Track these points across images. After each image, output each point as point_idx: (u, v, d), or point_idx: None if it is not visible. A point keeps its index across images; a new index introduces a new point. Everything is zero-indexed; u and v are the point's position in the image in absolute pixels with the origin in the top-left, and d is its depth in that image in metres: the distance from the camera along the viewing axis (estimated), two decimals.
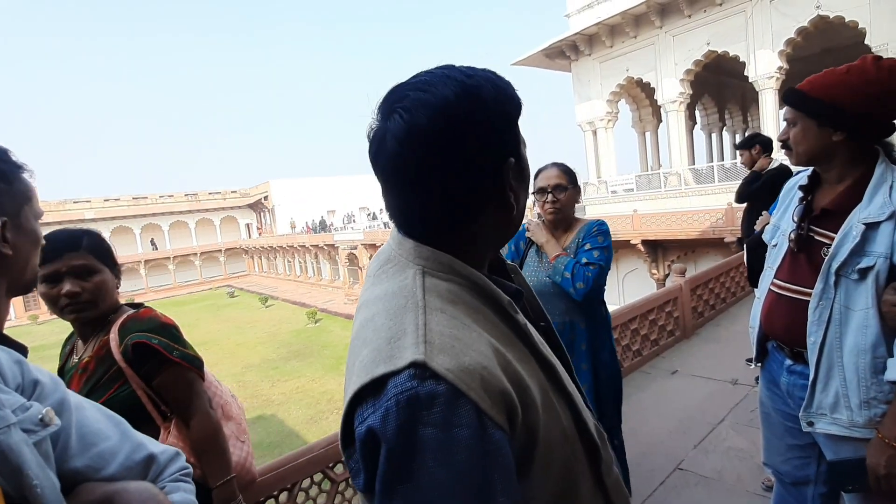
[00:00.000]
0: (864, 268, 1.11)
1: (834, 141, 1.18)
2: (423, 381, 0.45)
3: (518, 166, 0.58)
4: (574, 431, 0.57)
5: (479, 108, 0.53)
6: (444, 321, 0.50)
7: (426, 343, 0.47)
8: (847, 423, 1.16)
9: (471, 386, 0.45)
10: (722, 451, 2.63)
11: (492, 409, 0.46)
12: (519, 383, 0.51)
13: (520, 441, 0.50)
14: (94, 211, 39.96)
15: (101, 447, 0.64)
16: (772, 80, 12.83)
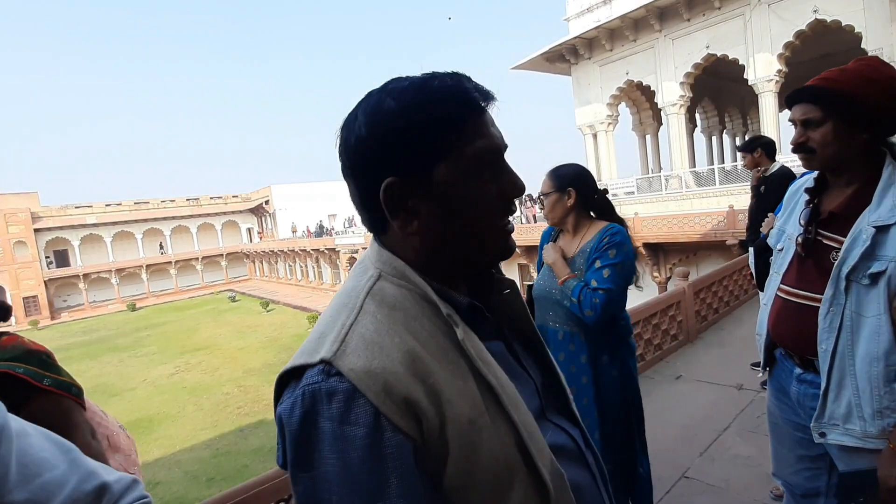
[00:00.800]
0: (876, 272, 1.07)
1: (862, 141, 1.14)
2: (327, 378, 0.48)
3: (452, 175, 0.56)
4: (519, 462, 0.55)
5: (426, 92, 0.56)
6: (371, 325, 0.52)
7: (342, 343, 0.50)
8: (860, 434, 1.12)
9: (371, 388, 0.47)
10: (728, 458, 2.59)
11: (394, 413, 0.48)
12: (437, 395, 0.51)
13: (435, 452, 0.50)
14: (96, 216, 39.97)
15: (46, 477, 0.59)
16: (771, 83, 12.84)
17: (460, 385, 0.54)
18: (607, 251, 1.64)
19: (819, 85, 1.16)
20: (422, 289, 0.57)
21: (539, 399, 0.64)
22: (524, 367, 0.65)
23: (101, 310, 38.71)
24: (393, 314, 0.54)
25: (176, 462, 11.49)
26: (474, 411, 0.53)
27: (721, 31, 13.50)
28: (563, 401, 0.69)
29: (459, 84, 0.57)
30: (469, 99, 0.57)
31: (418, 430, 0.49)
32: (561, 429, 0.65)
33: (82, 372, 20.80)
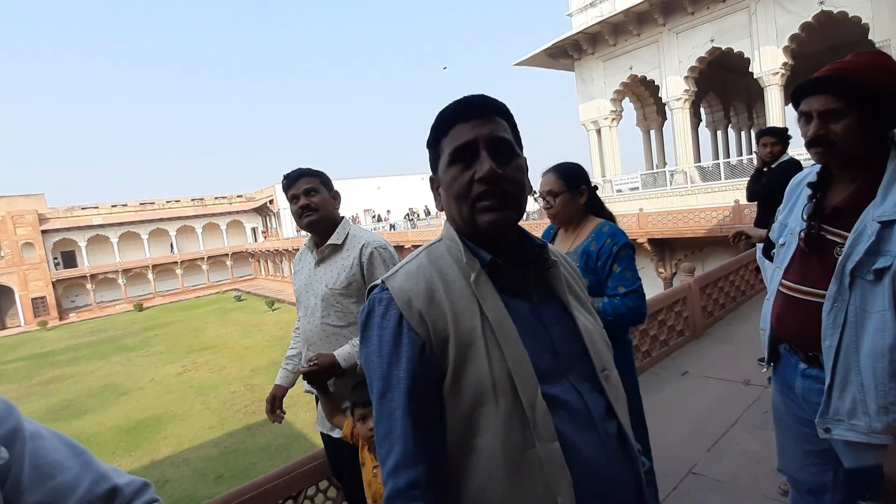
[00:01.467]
0: (881, 268, 1.06)
1: (879, 134, 1.12)
2: (381, 291, 0.78)
3: (442, 168, 0.82)
4: (507, 386, 0.72)
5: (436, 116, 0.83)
6: (415, 265, 0.80)
7: (395, 272, 0.80)
8: (865, 430, 1.12)
9: (400, 300, 0.75)
10: (736, 454, 2.58)
11: (411, 319, 0.74)
12: (445, 317, 0.74)
13: (439, 359, 0.73)
14: (102, 217, 40.25)
15: (59, 480, 0.59)
16: (777, 76, 12.73)
17: (467, 316, 0.75)
18: (619, 253, 1.68)
19: (840, 74, 1.12)
20: (458, 245, 0.81)
21: (554, 357, 0.78)
22: (544, 327, 0.80)
23: (108, 310, 39.06)
24: (431, 260, 0.81)
25: (185, 460, 11.59)
26: (471, 336, 0.74)
27: (726, 24, 13.38)
28: (590, 370, 0.81)
29: (449, 107, 0.82)
30: (451, 113, 0.81)
31: (427, 336, 0.74)
32: (576, 391, 0.77)
33: (91, 372, 21.00)
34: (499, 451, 0.71)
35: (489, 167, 0.76)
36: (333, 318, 1.69)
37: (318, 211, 1.73)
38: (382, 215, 34.78)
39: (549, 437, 0.71)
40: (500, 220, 0.77)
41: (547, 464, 0.70)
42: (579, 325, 0.82)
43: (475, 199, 0.77)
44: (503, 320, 0.75)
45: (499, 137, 0.79)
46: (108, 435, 13.62)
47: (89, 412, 15.90)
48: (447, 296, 0.76)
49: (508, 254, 0.81)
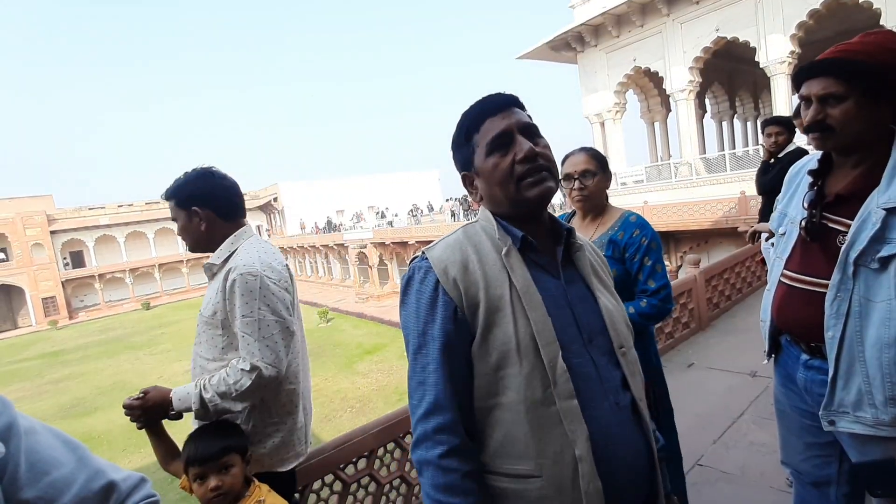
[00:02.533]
0: (886, 256, 1.04)
1: (882, 117, 1.08)
2: (422, 260, 0.88)
3: (481, 152, 0.90)
4: (530, 348, 0.81)
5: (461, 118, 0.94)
6: (453, 238, 0.90)
7: (435, 245, 0.90)
8: (872, 422, 1.09)
9: (437, 268, 0.85)
10: (744, 445, 2.57)
11: (446, 284, 0.83)
12: (477, 284, 0.83)
13: (469, 322, 0.83)
14: (109, 217, 40.55)
15: (55, 476, 0.59)
16: (784, 65, 12.55)
17: (496, 285, 0.84)
18: (650, 245, 1.66)
19: (841, 57, 1.08)
20: (493, 225, 0.90)
21: (576, 330, 0.87)
22: (569, 302, 0.88)
23: (116, 309, 39.43)
24: (468, 236, 0.91)
25: None
26: (500, 303, 0.83)
27: (731, 13, 13.20)
28: (608, 346, 0.89)
29: (474, 105, 0.91)
30: (480, 110, 0.91)
31: (459, 301, 0.83)
32: (593, 363, 0.86)
33: (101, 370, 21.24)
34: (521, 406, 0.80)
35: (529, 146, 0.86)
36: (202, 347, 1.48)
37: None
38: (384, 212, 34.69)
39: (568, 395, 0.80)
40: (545, 191, 0.87)
41: (566, 418, 0.79)
42: (601, 304, 0.91)
43: (520, 177, 0.86)
44: (529, 289, 0.84)
45: (527, 122, 0.90)
46: (118, 432, 13.76)
47: (99, 410, 16.09)
48: (480, 266, 0.85)
49: (539, 235, 0.92)
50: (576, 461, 0.78)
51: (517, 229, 0.89)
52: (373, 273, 28.79)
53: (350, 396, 14.16)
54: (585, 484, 0.78)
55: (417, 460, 0.81)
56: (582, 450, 0.78)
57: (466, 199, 24.37)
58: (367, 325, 22.70)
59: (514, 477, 0.80)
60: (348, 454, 2.13)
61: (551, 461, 0.79)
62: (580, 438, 0.79)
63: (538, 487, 0.79)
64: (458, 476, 0.78)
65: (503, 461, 0.81)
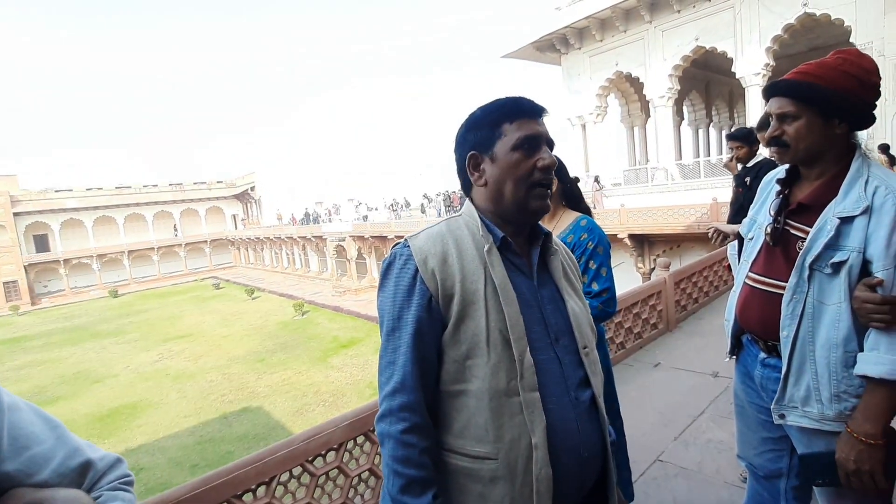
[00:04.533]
0: (838, 262, 1.11)
1: (836, 134, 1.16)
2: (404, 247, 0.91)
3: (502, 150, 0.92)
4: (498, 340, 0.85)
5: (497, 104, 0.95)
6: (435, 230, 0.93)
7: (417, 234, 0.93)
8: (818, 417, 1.16)
9: (417, 257, 0.88)
10: (702, 443, 2.66)
11: (425, 274, 0.87)
12: (453, 277, 0.87)
13: (443, 312, 0.87)
14: (77, 200, 39.09)
15: (35, 451, 0.61)
16: (758, 76, 12.95)
17: (473, 279, 0.87)
18: (595, 249, 1.71)
19: (795, 79, 1.16)
20: (476, 221, 0.93)
21: (543, 329, 0.92)
22: (539, 303, 0.93)
23: (82, 296, 38.07)
24: (450, 229, 0.94)
25: (159, 448, 11.45)
26: (474, 297, 0.87)
27: (711, 24, 13.55)
28: (573, 346, 0.95)
29: (514, 100, 0.94)
30: (519, 107, 0.93)
31: (435, 291, 0.87)
32: (558, 360, 0.91)
33: (64, 358, 20.51)
34: (485, 395, 0.85)
35: (552, 160, 0.92)
36: None
37: None
38: (360, 205, 34.28)
39: (532, 387, 0.86)
40: (545, 206, 0.94)
41: (527, 408, 0.85)
42: (568, 307, 0.97)
43: (533, 184, 0.91)
44: (506, 285, 0.89)
45: (552, 140, 0.95)
46: (82, 422, 13.35)
47: (62, 399, 15.55)
48: (458, 260, 0.89)
49: (520, 237, 0.97)
50: (531, 448, 0.84)
51: (499, 230, 0.93)
52: (350, 267, 28.57)
53: (323, 390, 14.06)
54: (537, 469, 0.84)
55: (380, 433, 0.86)
56: (538, 438, 0.84)
57: (449, 196, 24.39)
58: (344, 318, 22.54)
59: (472, 457, 0.86)
60: (317, 447, 2.12)
61: (507, 446, 0.84)
62: (538, 428, 0.84)
63: (492, 469, 0.85)
64: (415, 451, 0.83)
65: (464, 442, 0.86)
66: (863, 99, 1.14)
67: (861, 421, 1.08)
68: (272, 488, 2.00)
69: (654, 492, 2.30)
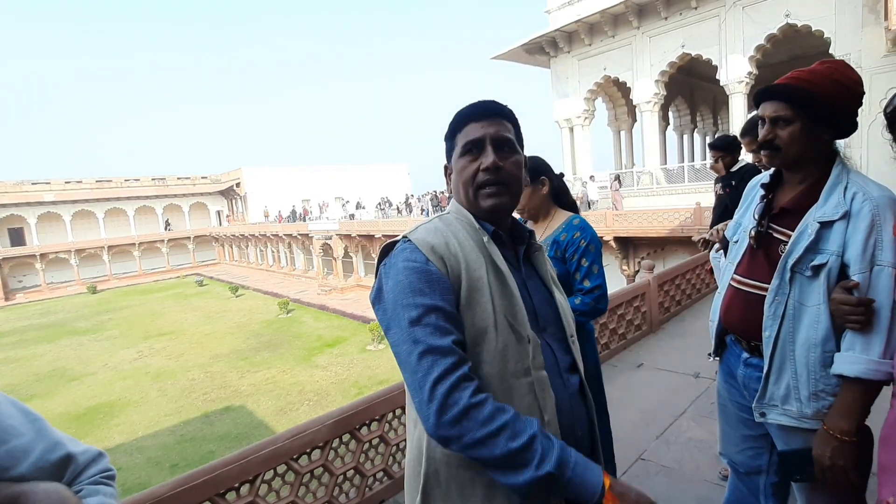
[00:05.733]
0: (818, 265, 1.14)
1: (823, 141, 1.19)
2: (406, 241, 0.91)
3: (457, 151, 0.97)
4: (505, 324, 0.88)
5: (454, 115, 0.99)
6: (431, 225, 0.95)
7: (414, 230, 0.93)
8: (797, 415, 1.20)
9: (423, 246, 0.88)
10: (683, 442, 2.71)
11: (434, 260, 0.87)
12: (459, 264, 0.88)
13: (453, 282, 0.87)
14: (55, 193, 38.02)
15: (13, 444, 0.60)
16: (742, 84, 13.20)
17: (476, 267, 0.89)
18: (588, 247, 1.74)
19: (792, 84, 1.18)
20: (467, 217, 0.96)
21: (534, 318, 0.95)
22: (528, 293, 0.97)
23: (59, 291, 37.10)
24: (446, 224, 0.95)
25: (138, 448, 11.22)
26: (479, 284, 0.88)
27: (697, 31, 13.77)
28: (561, 334, 0.99)
29: (465, 108, 0.97)
30: (466, 113, 0.96)
31: (445, 269, 0.87)
32: (549, 346, 0.95)
33: (39, 356, 19.97)
34: (495, 378, 0.86)
35: (492, 160, 0.93)
36: None
37: None
38: (348, 204, 34.01)
39: (541, 365, 0.91)
40: (497, 204, 0.94)
41: (538, 387, 0.88)
42: (555, 297, 1.02)
43: (479, 185, 0.94)
44: (508, 272, 0.93)
45: (502, 136, 0.95)
46: (57, 422, 12.99)
47: (36, 397, 15.12)
48: (460, 249, 0.90)
49: (505, 233, 1.01)
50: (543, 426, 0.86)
51: (489, 224, 0.97)
52: (337, 265, 28.35)
53: (308, 389, 13.92)
54: None
55: (455, 435, 0.76)
56: (550, 415, 0.88)
57: (437, 195, 24.36)
58: (329, 317, 22.35)
59: None
60: (302, 445, 2.11)
61: None
62: (549, 405, 0.89)
63: None
64: (501, 411, 0.78)
65: None
66: (849, 108, 1.17)
67: (836, 418, 1.12)
68: (256, 487, 1.98)
69: None
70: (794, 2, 11.81)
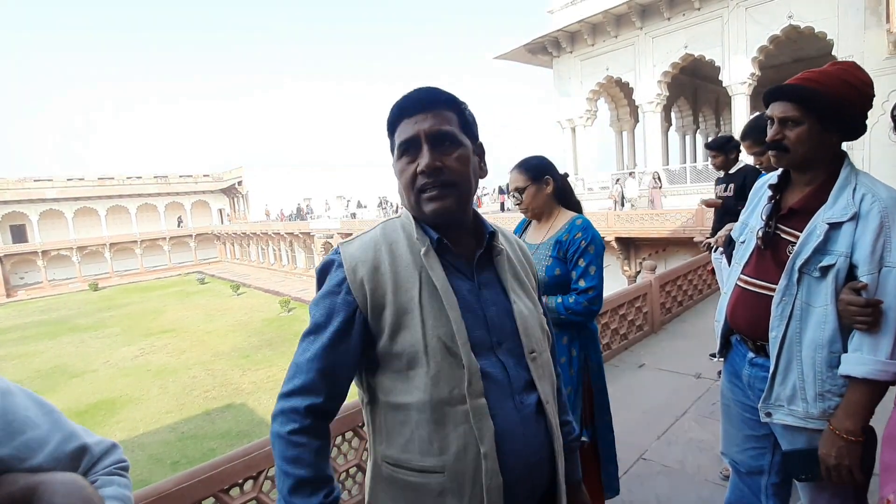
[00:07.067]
0: (826, 266, 1.14)
1: (831, 142, 1.19)
2: (335, 253, 0.89)
3: (395, 152, 0.89)
4: (437, 348, 0.82)
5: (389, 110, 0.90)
6: (368, 236, 0.91)
7: (349, 241, 0.91)
8: (802, 415, 1.20)
9: (347, 264, 0.86)
10: (684, 441, 2.72)
11: (353, 283, 0.84)
12: (380, 286, 0.84)
13: (376, 324, 0.84)
14: (57, 190, 38.12)
15: (29, 435, 0.61)
16: (744, 85, 13.19)
17: (407, 287, 0.84)
18: (587, 248, 1.74)
19: (803, 85, 1.18)
20: (410, 224, 0.90)
21: (486, 333, 0.87)
22: (481, 305, 0.89)
23: (60, 288, 37.17)
24: (385, 233, 0.90)
25: (139, 445, 11.24)
26: (409, 305, 0.84)
27: (699, 32, 13.75)
28: (519, 349, 0.90)
29: (396, 103, 0.88)
30: (398, 109, 0.87)
31: (363, 302, 0.84)
32: (501, 364, 0.87)
33: (40, 352, 20.02)
34: (426, 406, 0.82)
35: (427, 161, 0.83)
36: None
37: None
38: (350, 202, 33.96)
39: (479, 393, 0.83)
40: (441, 208, 0.85)
41: (474, 416, 0.82)
42: (514, 309, 0.92)
43: (419, 189, 0.85)
44: (447, 289, 0.85)
45: (440, 131, 0.84)
46: None
47: (38, 393, 15.11)
48: (391, 268, 0.86)
49: (458, 236, 0.91)
50: (479, 458, 0.81)
51: (433, 231, 0.88)
52: None
53: None
54: (488, 480, 0.81)
55: (272, 433, 0.85)
56: (487, 447, 0.81)
57: None
58: None
59: (419, 471, 0.83)
60: None
61: (454, 458, 0.81)
62: (486, 435, 0.81)
63: (440, 482, 0.82)
64: (306, 451, 0.81)
65: (410, 456, 0.84)
66: (858, 110, 1.17)
67: (843, 418, 1.12)
68: (259, 483, 1.98)
69: (637, 489, 2.34)
70: (797, 3, 11.80)
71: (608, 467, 1.90)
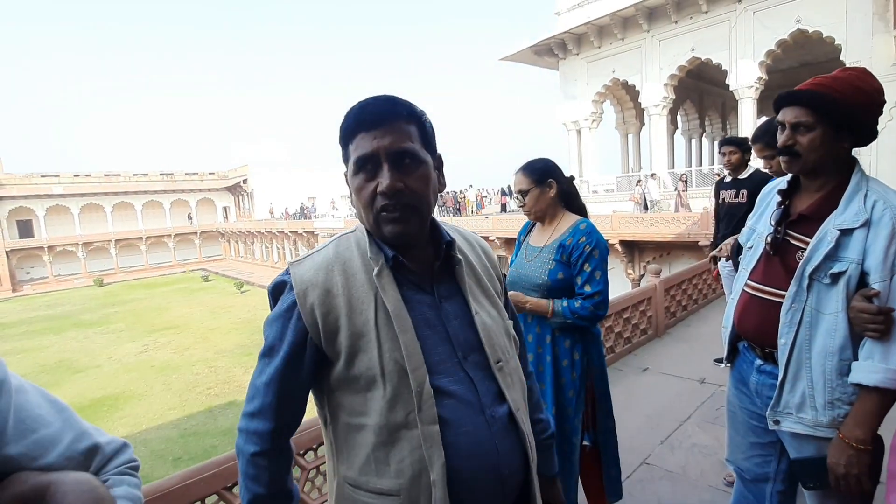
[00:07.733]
0: (837, 273, 1.13)
1: (842, 148, 1.18)
2: (286, 274, 0.86)
3: (351, 167, 0.84)
4: (394, 372, 0.80)
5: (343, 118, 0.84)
6: (321, 259, 0.86)
7: (302, 260, 0.87)
8: (811, 423, 1.19)
9: (297, 288, 0.83)
10: (687, 447, 2.71)
11: (303, 308, 0.82)
12: (332, 310, 0.82)
13: (331, 349, 0.82)
14: (63, 186, 38.36)
15: (41, 434, 0.60)
16: (751, 89, 13.14)
17: (362, 309, 0.82)
18: (592, 252, 1.73)
19: (815, 90, 1.17)
20: (364, 242, 0.87)
21: (449, 348, 0.85)
22: (442, 320, 0.86)
23: (66, 284, 37.40)
24: (338, 252, 0.87)
25: (142, 441, 11.28)
26: (364, 329, 0.81)
27: (707, 35, 13.71)
28: (485, 361, 0.88)
29: (351, 111, 0.83)
30: (354, 120, 0.82)
31: (314, 327, 0.82)
32: (469, 379, 0.85)
33: (45, 347, 20.15)
34: (383, 429, 0.81)
35: (388, 183, 0.79)
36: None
37: None
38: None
39: (431, 420, 0.80)
40: (401, 231, 0.82)
41: (425, 443, 0.79)
42: (476, 320, 0.89)
43: (379, 210, 0.81)
44: (400, 312, 0.82)
45: (400, 149, 0.80)
46: None
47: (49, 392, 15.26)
48: (345, 290, 0.83)
49: (416, 250, 0.88)
50: (431, 486, 0.79)
51: (389, 248, 0.85)
52: None
53: None
54: None
55: (236, 445, 0.87)
56: (437, 475, 0.79)
57: (441, 196, 24.35)
58: None
59: (376, 493, 0.82)
60: (308, 441, 2.12)
61: (409, 482, 0.80)
62: (436, 464, 0.79)
63: None
64: (265, 472, 0.84)
65: (368, 478, 0.83)
66: (870, 116, 1.16)
67: (853, 427, 1.11)
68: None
69: (639, 493, 2.33)
70: (805, 8, 11.74)
71: (611, 471, 1.89)
